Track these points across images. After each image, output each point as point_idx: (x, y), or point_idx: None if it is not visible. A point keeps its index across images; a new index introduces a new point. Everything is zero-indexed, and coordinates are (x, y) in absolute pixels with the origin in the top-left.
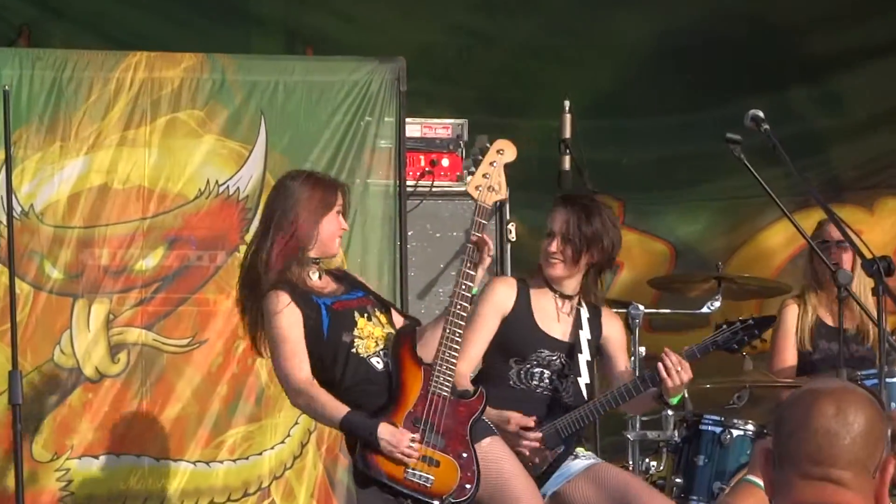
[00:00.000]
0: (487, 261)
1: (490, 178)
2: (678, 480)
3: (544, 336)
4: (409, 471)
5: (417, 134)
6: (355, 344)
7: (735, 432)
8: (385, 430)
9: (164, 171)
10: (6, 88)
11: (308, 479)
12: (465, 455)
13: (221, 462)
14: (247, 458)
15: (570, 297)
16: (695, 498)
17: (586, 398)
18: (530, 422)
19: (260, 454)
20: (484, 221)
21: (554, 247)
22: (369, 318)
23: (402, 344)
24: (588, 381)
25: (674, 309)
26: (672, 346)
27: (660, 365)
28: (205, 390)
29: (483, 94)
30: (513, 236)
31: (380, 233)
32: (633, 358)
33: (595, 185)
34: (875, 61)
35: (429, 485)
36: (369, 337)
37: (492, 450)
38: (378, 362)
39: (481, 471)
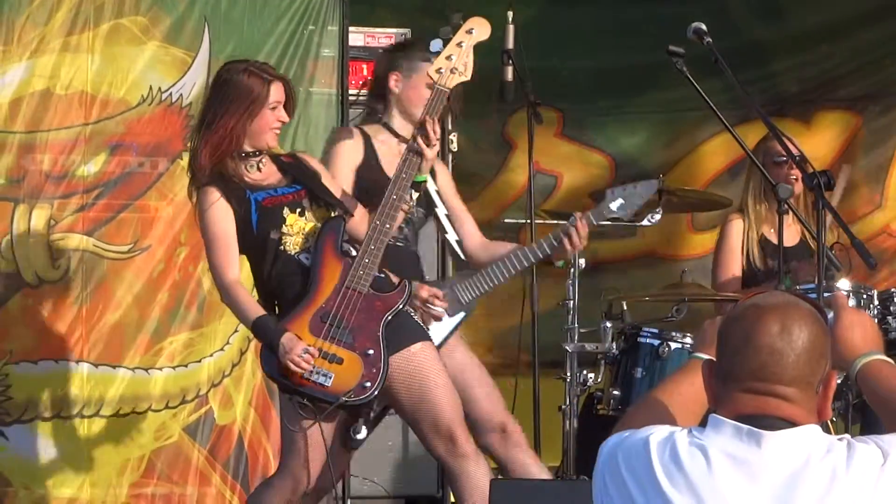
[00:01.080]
0: (430, 151)
1: (454, 60)
2: (616, 392)
3: None
4: (312, 369)
5: (360, 43)
6: (283, 241)
7: (673, 345)
8: (284, 339)
9: (107, 77)
10: None
11: (246, 386)
12: (371, 352)
13: (160, 369)
14: (186, 366)
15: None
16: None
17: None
18: (439, 293)
19: (199, 361)
20: (438, 105)
21: None
22: (301, 214)
23: (324, 236)
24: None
25: (613, 221)
26: (609, 253)
27: (572, 231)
28: (145, 297)
29: (427, 3)
30: (454, 146)
31: (322, 141)
32: (572, 269)
33: (536, 96)
34: None
35: (327, 383)
36: (299, 233)
37: (422, 357)
38: (306, 258)
39: (409, 377)
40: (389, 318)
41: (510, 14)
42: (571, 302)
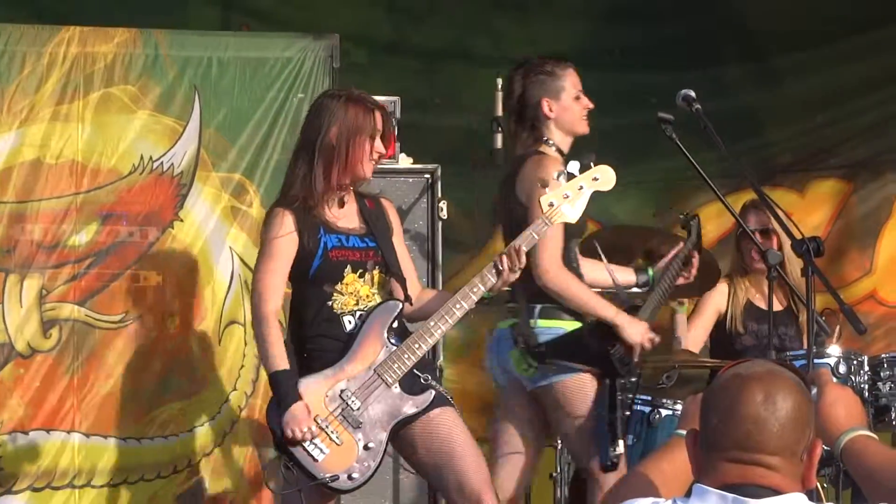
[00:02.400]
0: (510, 277)
1: (570, 202)
2: (611, 462)
3: None
4: (309, 444)
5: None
6: (334, 298)
7: (664, 412)
8: (296, 409)
9: (98, 146)
10: None
11: (238, 455)
12: (371, 446)
13: (152, 439)
14: (177, 435)
15: None
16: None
17: None
18: None
19: (191, 431)
20: (536, 236)
21: None
22: (361, 276)
23: (377, 315)
24: None
25: (605, 288)
26: None
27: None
28: (137, 366)
29: (418, 71)
30: (444, 214)
31: None
32: None
33: None
34: (817, 43)
35: (319, 458)
36: (352, 294)
37: (443, 420)
38: (350, 321)
39: (430, 441)
40: (398, 423)
41: (499, 81)
42: None
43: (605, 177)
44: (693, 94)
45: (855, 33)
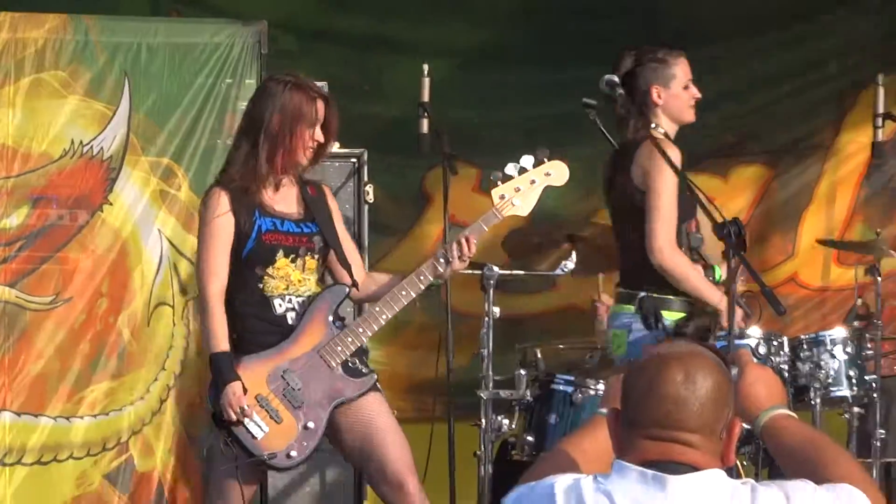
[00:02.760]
0: (459, 266)
1: (521, 195)
2: (529, 438)
3: None
4: (248, 422)
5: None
6: (264, 280)
7: (587, 392)
8: (232, 388)
9: (29, 131)
10: None
11: (166, 434)
12: (311, 426)
13: (82, 417)
14: (107, 414)
15: None
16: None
17: None
18: None
19: (120, 410)
20: (485, 227)
21: None
22: (293, 260)
23: (321, 301)
24: None
25: (528, 271)
26: (527, 307)
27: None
28: (67, 347)
29: (346, 58)
30: (370, 198)
31: None
32: (486, 318)
33: (451, 152)
34: (734, 39)
35: (258, 435)
36: (283, 278)
37: (370, 405)
38: (280, 304)
39: (356, 425)
40: (337, 404)
41: (426, 67)
42: (486, 350)
43: (557, 172)
44: (616, 79)
45: (769, 29)
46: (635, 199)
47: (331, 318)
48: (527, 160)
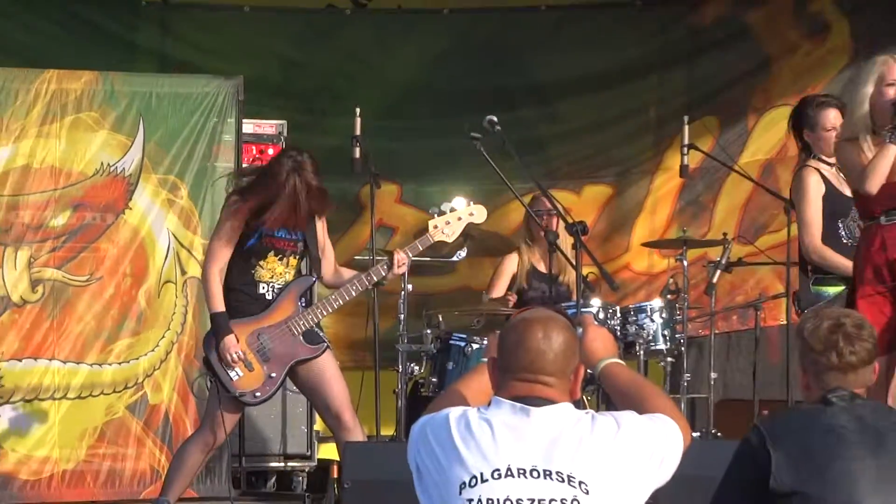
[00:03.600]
0: (398, 272)
1: (449, 226)
2: (433, 380)
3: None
4: (231, 366)
5: (251, 130)
6: (256, 270)
7: (474, 346)
8: (228, 339)
9: (70, 156)
10: None
11: (171, 377)
12: (273, 376)
13: (110, 364)
14: (128, 362)
15: None
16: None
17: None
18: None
19: (137, 359)
20: (420, 247)
21: None
22: (280, 259)
23: (294, 285)
24: None
25: (432, 257)
26: (433, 285)
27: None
28: (99, 313)
29: (300, 104)
30: None
31: (222, 198)
32: (403, 293)
33: (378, 171)
34: (585, 94)
35: (235, 378)
36: (269, 270)
37: (321, 359)
38: (263, 287)
39: (310, 374)
40: (298, 361)
41: (357, 110)
42: (402, 316)
43: (478, 213)
44: (495, 118)
45: (611, 85)
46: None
47: (299, 299)
48: (459, 202)
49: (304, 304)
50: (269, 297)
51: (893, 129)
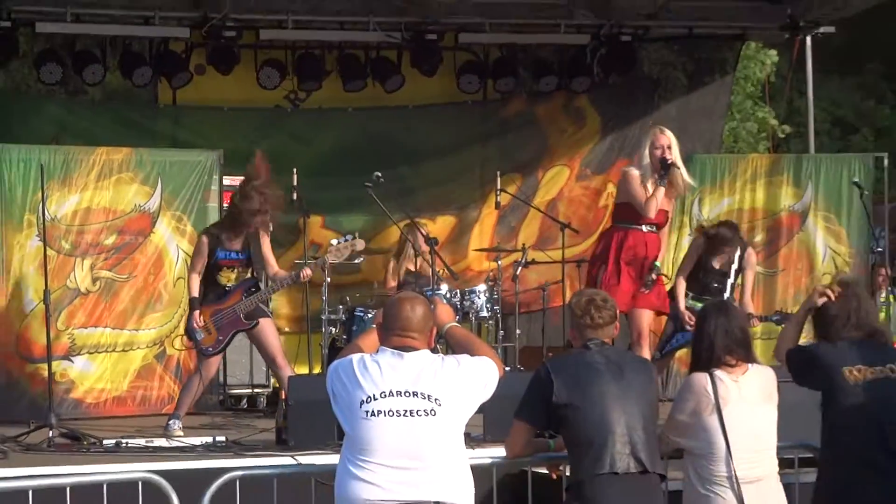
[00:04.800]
0: (305, 279)
1: (339, 254)
2: (344, 337)
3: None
4: (198, 330)
5: (228, 183)
6: (219, 276)
7: (370, 315)
8: (195, 313)
9: (115, 200)
10: (42, 165)
11: (179, 338)
12: (221, 339)
13: (143, 330)
14: (155, 328)
15: None
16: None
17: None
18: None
19: (162, 326)
20: (320, 266)
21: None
22: (232, 270)
23: (242, 284)
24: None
25: (345, 261)
26: (345, 279)
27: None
28: (135, 296)
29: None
30: (270, 229)
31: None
32: (324, 283)
33: (307, 208)
34: (431, 158)
35: (199, 338)
36: (226, 277)
37: (263, 325)
38: (223, 286)
39: (257, 334)
40: (238, 330)
41: (294, 169)
42: (325, 297)
43: (359, 245)
44: (380, 174)
45: (454, 152)
46: None
47: (244, 294)
48: (349, 237)
49: (246, 296)
50: (227, 290)
51: (661, 177)
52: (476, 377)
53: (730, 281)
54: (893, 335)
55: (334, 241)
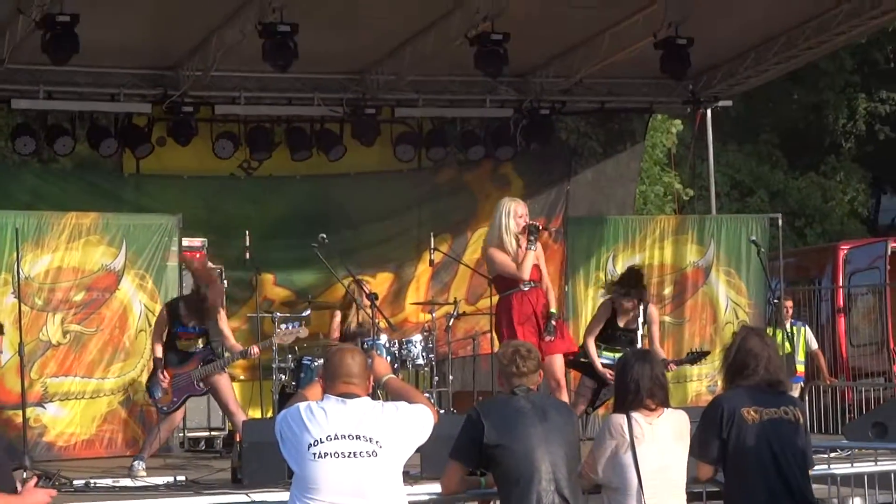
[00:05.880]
0: (254, 356)
1: (287, 338)
2: (294, 384)
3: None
4: (158, 388)
5: (186, 244)
6: (178, 342)
7: (315, 363)
8: (158, 374)
9: (84, 260)
10: (17, 228)
11: (141, 387)
12: (175, 399)
13: (109, 378)
14: (119, 377)
15: None
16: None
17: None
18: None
19: (126, 374)
20: (268, 345)
21: None
22: (188, 340)
23: (199, 352)
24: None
25: (293, 314)
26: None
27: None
28: (102, 348)
29: (216, 229)
30: (226, 284)
31: (173, 288)
32: (274, 340)
33: (258, 266)
34: (377, 218)
35: (157, 396)
36: (186, 344)
37: (219, 381)
38: (184, 351)
39: (214, 389)
40: (189, 396)
41: (247, 232)
42: (275, 349)
43: (303, 332)
44: (325, 235)
45: (392, 216)
46: None
47: (201, 361)
48: (296, 324)
49: (202, 364)
50: (188, 354)
51: (531, 241)
52: (413, 422)
53: (639, 333)
54: (798, 363)
55: (283, 326)
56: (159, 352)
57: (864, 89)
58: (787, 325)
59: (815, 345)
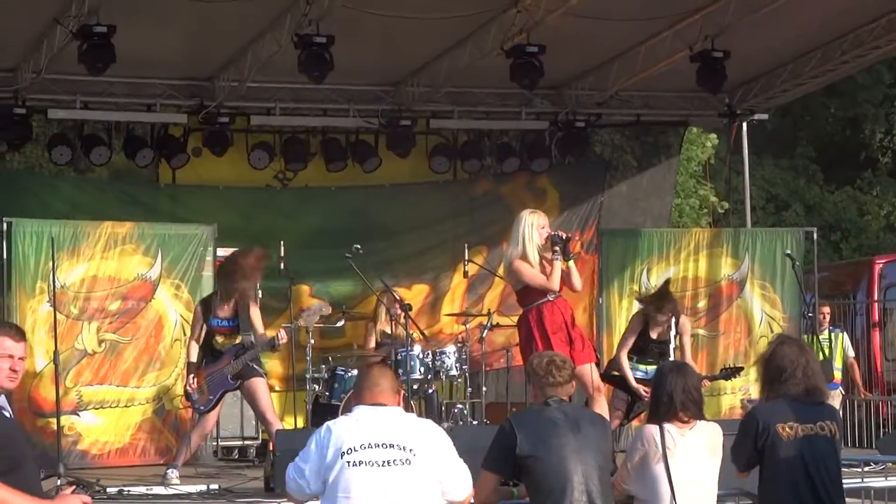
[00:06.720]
0: (282, 343)
1: (310, 319)
2: (327, 394)
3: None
4: (192, 391)
5: (221, 254)
6: (214, 339)
7: (349, 374)
8: (191, 376)
9: (120, 269)
10: (53, 237)
11: (177, 395)
12: (211, 398)
13: (144, 387)
14: (155, 385)
15: None
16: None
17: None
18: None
19: (161, 383)
20: (292, 329)
21: None
22: (225, 337)
23: (232, 349)
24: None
25: (326, 324)
26: (330, 342)
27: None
28: (137, 357)
29: (251, 240)
30: (259, 294)
31: (204, 290)
32: (308, 345)
33: (293, 276)
34: (414, 229)
35: (195, 398)
36: (219, 341)
37: (254, 383)
38: (218, 349)
39: (248, 392)
40: (225, 391)
41: (282, 242)
42: (309, 358)
43: (326, 310)
44: (360, 246)
45: (428, 226)
46: None
47: (235, 357)
48: (317, 304)
49: (234, 358)
50: (222, 352)
51: (563, 251)
52: (445, 436)
53: (671, 346)
54: (836, 369)
55: (307, 308)
56: (193, 355)
57: None
58: (826, 332)
59: (852, 352)
